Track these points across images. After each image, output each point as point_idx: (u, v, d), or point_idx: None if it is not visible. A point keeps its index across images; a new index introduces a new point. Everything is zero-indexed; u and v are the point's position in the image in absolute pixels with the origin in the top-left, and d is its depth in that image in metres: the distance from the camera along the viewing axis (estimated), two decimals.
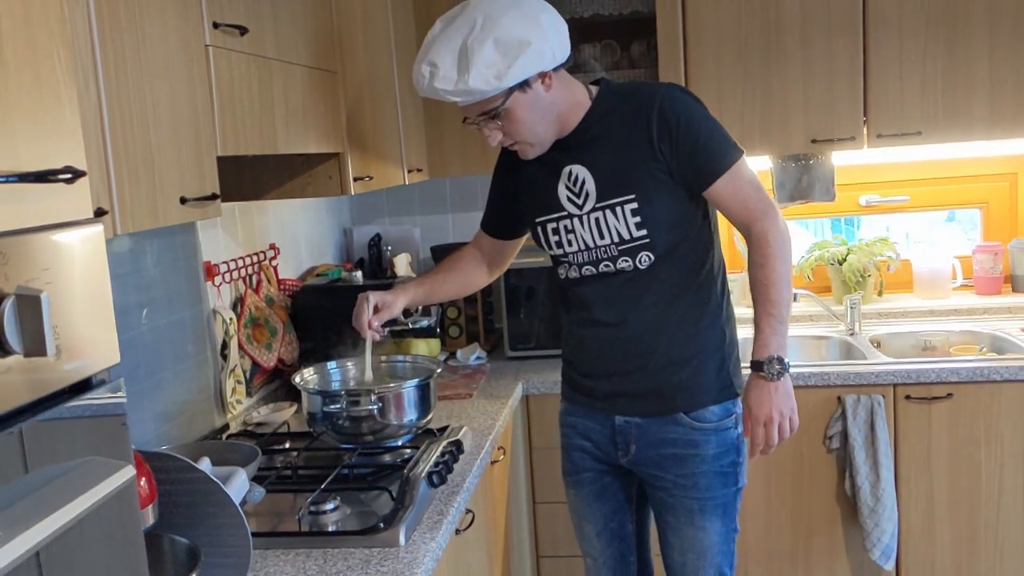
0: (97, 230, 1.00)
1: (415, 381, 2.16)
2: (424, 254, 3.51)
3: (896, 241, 3.40)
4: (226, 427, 2.38)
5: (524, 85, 1.82)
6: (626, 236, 1.90)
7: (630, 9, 3.10)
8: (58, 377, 0.93)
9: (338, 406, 2.10)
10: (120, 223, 1.36)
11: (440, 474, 1.94)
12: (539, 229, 2.03)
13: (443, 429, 2.26)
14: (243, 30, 1.72)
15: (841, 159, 3.20)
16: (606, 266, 1.95)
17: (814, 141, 2.98)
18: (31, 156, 0.90)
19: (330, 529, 1.75)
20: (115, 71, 1.35)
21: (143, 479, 1.31)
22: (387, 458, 2.12)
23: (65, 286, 0.94)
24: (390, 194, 3.53)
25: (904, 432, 2.75)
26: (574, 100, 1.93)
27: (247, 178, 2.34)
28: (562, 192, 1.96)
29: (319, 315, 2.73)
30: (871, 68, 2.92)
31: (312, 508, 1.78)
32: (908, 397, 2.73)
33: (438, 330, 3.15)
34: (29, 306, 0.85)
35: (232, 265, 2.49)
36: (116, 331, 1.02)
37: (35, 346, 0.85)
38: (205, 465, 1.58)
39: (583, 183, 1.93)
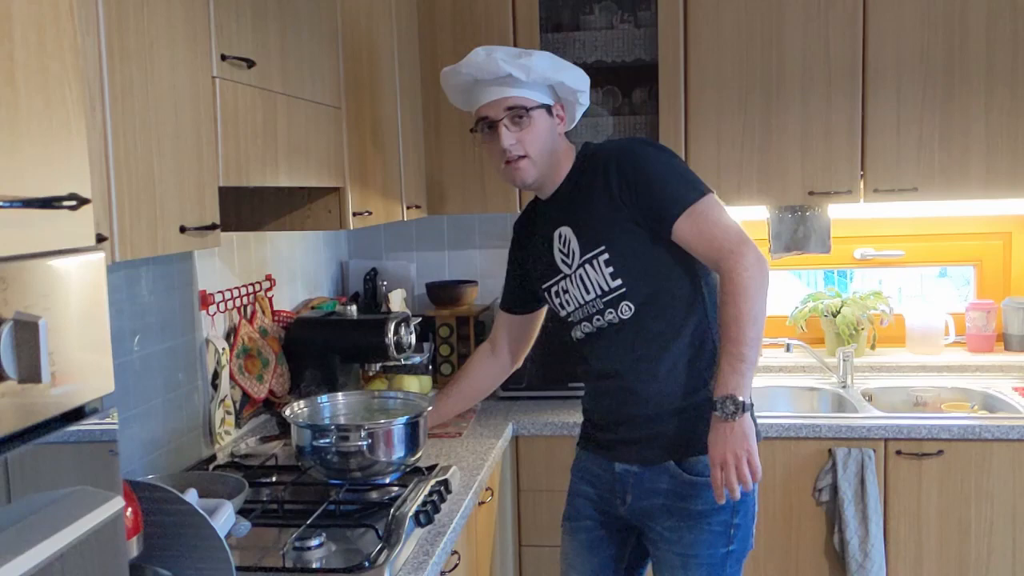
0: (98, 258, 1.00)
1: (405, 418, 2.15)
2: (419, 290, 3.51)
3: (889, 295, 3.41)
4: (213, 458, 2.36)
5: (550, 109, 1.98)
6: (605, 288, 1.96)
7: (633, 57, 3.14)
8: (51, 404, 0.92)
9: (327, 440, 2.08)
10: (119, 250, 1.36)
11: (427, 513, 1.93)
12: (546, 295, 2.10)
13: (432, 468, 2.25)
14: (250, 63, 1.73)
15: (837, 212, 3.23)
16: (597, 320, 2.00)
17: (811, 193, 3.00)
18: (37, 182, 0.91)
19: (314, 566, 1.73)
20: (122, 99, 1.36)
21: (130, 510, 1.29)
22: (374, 495, 2.10)
23: (63, 312, 0.93)
24: (388, 229, 3.54)
25: (894, 487, 2.74)
26: (566, 151, 2.05)
27: (247, 209, 2.34)
28: (556, 255, 2.03)
29: (312, 348, 2.72)
30: (869, 123, 2.96)
31: (297, 543, 1.76)
32: (899, 452, 2.72)
33: (430, 367, 3.15)
34: (27, 332, 0.84)
35: (227, 295, 2.49)
36: (112, 359, 1.02)
37: (30, 372, 0.85)
38: (192, 497, 1.56)
39: (569, 243, 2.00)
